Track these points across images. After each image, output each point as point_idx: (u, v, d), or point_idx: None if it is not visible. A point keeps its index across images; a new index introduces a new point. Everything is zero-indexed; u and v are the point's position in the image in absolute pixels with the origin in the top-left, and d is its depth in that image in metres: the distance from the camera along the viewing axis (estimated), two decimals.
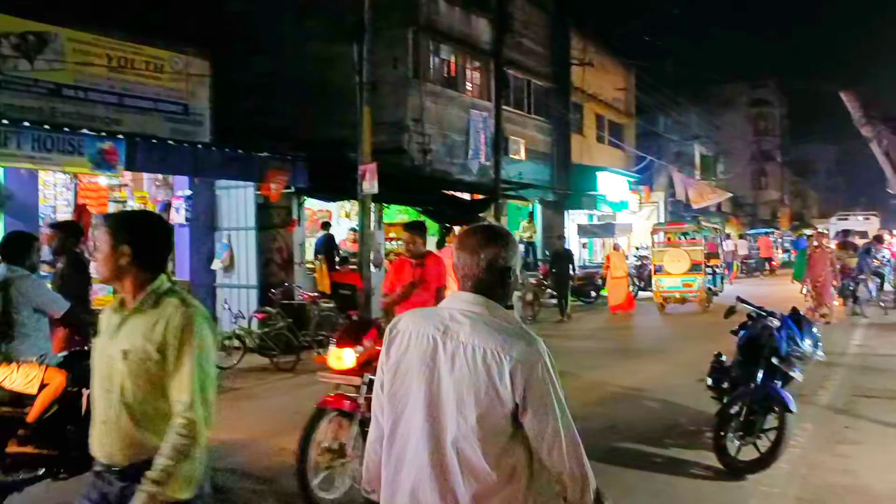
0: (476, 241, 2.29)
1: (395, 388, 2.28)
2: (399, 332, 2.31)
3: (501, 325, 2.21)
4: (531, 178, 22.47)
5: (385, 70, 16.77)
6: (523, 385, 2.12)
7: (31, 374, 5.08)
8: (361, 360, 5.41)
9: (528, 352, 2.15)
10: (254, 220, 13.18)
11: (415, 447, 2.22)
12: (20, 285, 5.22)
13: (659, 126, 34.79)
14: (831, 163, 75.38)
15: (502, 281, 2.28)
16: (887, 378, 9.80)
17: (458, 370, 2.16)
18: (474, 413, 2.14)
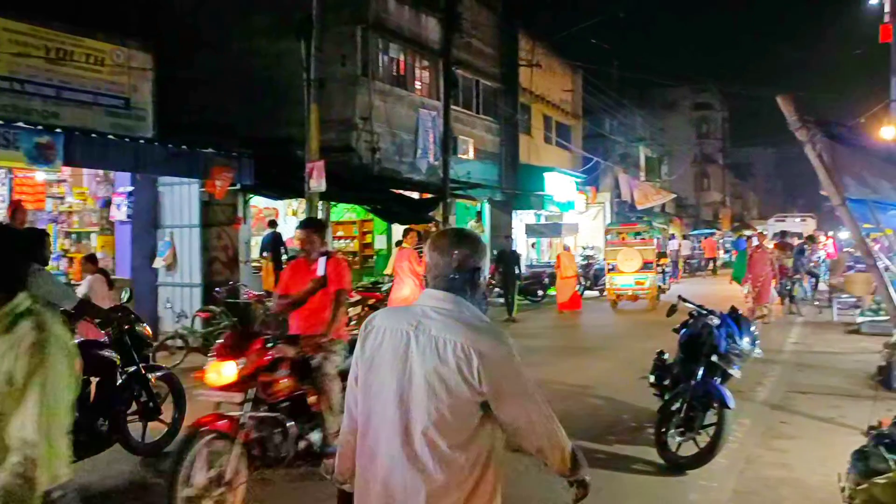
0: (447, 242, 2.45)
1: (370, 381, 2.39)
2: (374, 328, 2.44)
3: (470, 320, 2.34)
4: (480, 177, 22.58)
5: (333, 68, 16.66)
6: (492, 378, 2.25)
7: None
8: (244, 374, 4.91)
9: (495, 346, 2.29)
10: (198, 217, 12.96)
11: (387, 437, 2.32)
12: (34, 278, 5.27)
13: (605, 128, 35.33)
14: (770, 166, 77.65)
15: (471, 280, 2.43)
16: (821, 374, 10.15)
17: (430, 363, 2.28)
18: (445, 403, 2.25)
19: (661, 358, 7.05)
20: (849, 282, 16.90)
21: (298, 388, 5.38)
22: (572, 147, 31.41)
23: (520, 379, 2.33)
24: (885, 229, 9.33)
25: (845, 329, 14.40)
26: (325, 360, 5.46)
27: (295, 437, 5.22)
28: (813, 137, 3.68)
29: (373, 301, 12.45)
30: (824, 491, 5.35)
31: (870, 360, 10.26)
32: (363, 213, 17.40)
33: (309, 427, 5.35)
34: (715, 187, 57.73)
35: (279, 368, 5.22)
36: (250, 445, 4.87)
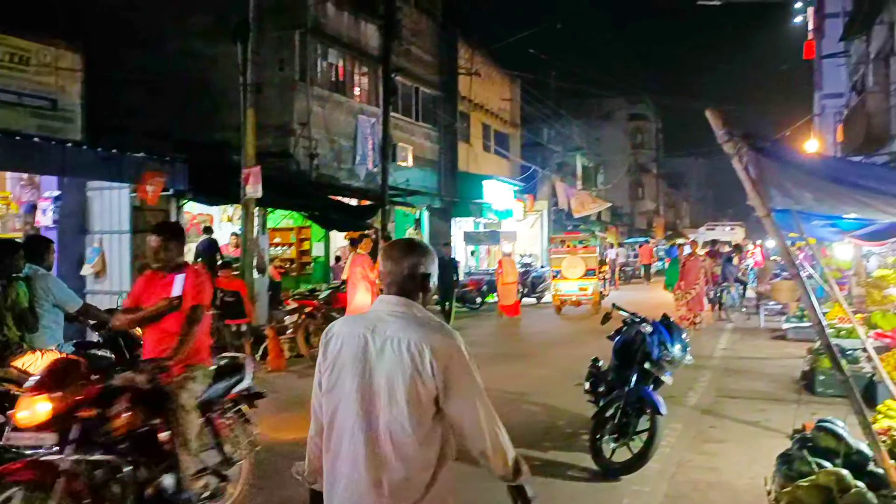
0: (399, 251, 2.66)
1: (332, 384, 2.57)
2: (334, 335, 2.63)
3: (422, 320, 2.54)
4: (419, 185, 22.58)
5: (271, 72, 16.45)
6: (443, 372, 2.43)
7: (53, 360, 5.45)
8: (60, 410, 4.14)
9: (446, 342, 2.48)
10: (128, 223, 12.57)
11: (350, 435, 2.49)
12: (42, 282, 5.96)
13: (543, 137, 35.82)
14: (702, 176, 79.89)
15: (422, 285, 2.64)
16: (749, 379, 10.46)
17: (387, 360, 2.47)
18: (404, 397, 2.43)
19: (596, 365, 7.16)
20: (775, 289, 17.50)
21: (145, 423, 4.58)
22: (510, 155, 31.71)
23: (469, 375, 2.48)
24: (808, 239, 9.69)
25: (772, 335, 14.88)
26: (179, 389, 4.66)
27: (139, 483, 4.43)
28: (740, 150, 3.78)
29: (309, 309, 12.29)
30: (751, 494, 5.50)
31: (795, 365, 10.63)
32: (301, 220, 17.19)
33: (160, 470, 4.56)
34: (649, 196, 59.09)
35: (116, 401, 4.41)
36: (77, 496, 4.05)
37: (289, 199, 15.59)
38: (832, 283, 8.66)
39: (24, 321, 5.80)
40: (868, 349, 7.77)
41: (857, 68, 24.37)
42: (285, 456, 6.51)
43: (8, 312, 5.73)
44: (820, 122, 30.42)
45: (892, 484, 4.26)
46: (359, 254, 11.92)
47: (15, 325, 5.74)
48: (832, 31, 26.62)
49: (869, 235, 14.06)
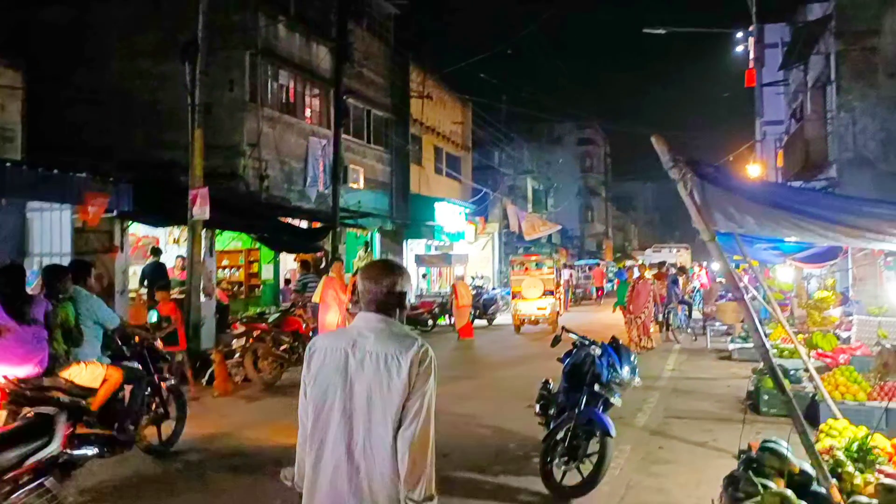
0: (378, 272, 2.88)
1: (315, 394, 2.78)
2: (317, 349, 2.84)
3: (398, 335, 2.77)
4: (370, 207, 22.51)
5: (221, 92, 16.29)
6: (413, 379, 2.66)
7: (96, 372, 6.57)
8: None
9: (419, 352, 2.69)
10: (70, 245, 12.23)
11: (333, 440, 2.71)
12: (86, 303, 6.94)
13: (494, 160, 36.14)
14: (649, 199, 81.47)
15: (399, 303, 2.85)
16: (696, 399, 10.61)
17: (367, 373, 2.69)
18: (380, 407, 2.65)
19: (547, 387, 7.17)
20: (720, 310, 17.85)
21: None
22: (462, 178, 31.89)
23: (427, 386, 2.69)
24: (751, 261, 9.92)
25: (718, 355, 15.14)
26: None
27: None
28: (685, 176, 3.86)
29: (258, 332, 12.08)
30: None
31: (740, 385, 10.82)
32: (249, 242, 16.94)
33: None
34: (598, 219, 59.97)
35: None
36: None
37: (238, 221, 15.36)
38: (774, 305, 8.88)
39: (71, 337, 6.68)
40: (810, 369, 7.97)
41: (795, 96, 25.23)
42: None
43: (58, 329, 6.55)
44: (762, 147, 31.37)
45: (834, 503, 4.34)
46: (330, 277, 12.23)
47: (63, 340, 6.61)
48: (772, 61, 27.57)
49: (809, 258, 14.51)
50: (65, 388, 6.14)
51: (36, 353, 6.31)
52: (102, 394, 6.50)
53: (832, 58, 19.47)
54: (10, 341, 6.20)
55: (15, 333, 6.24)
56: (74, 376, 6.35)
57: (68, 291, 6.81)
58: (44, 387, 6.08)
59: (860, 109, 18.82)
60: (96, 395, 6.42)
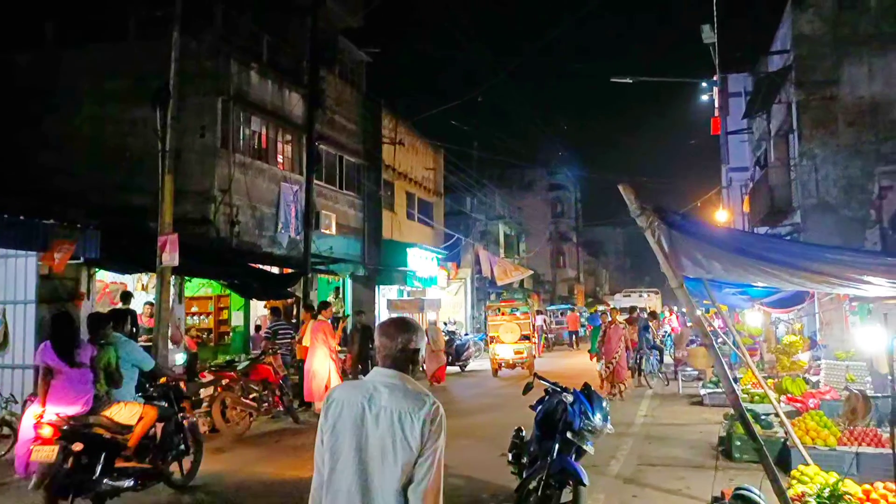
0: (394, 329, 3.08)
1: (332, 443, 2.94)
2: (334, 400, 3.00)
3: (412, 392, 2.95)
4: (342, 252, 22.46)
5: (192, 138, 16.28)
6: (426, 437, 2.85)
7: (133, 410, 7.30)
8: None
9: (431, 411, 2.89)
10: (35, 292, 11.98)
11: (348, 487, 2.87)
12: (124, 347, 7.83)
13: (466, 205, 36.35)
14: (619, 244, 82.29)
15: (412, 359, 3.06)
16: (669, 446, 10.57)
17: (382, 427, 2.87)
18: (393, 458, 2.83)
19: (519, 435, 7.10)
20: (692, 355, 17.92)
21: None
22: (434, 224, 32.00)
23: (438, 444, 2.89)
24: (720, 306, 10.02)
25: (690, 400, 15.15)
26: None
27: None
28: (652, 224, 3.91)
29: (227, 381, 11.87)
30: None
31: (712, 431, 10.82)
32: (219, 289, 16.77)
33: None
34: (570, 264, 60.31)
35: None
36: None
37: (208, 267, 15.21)
38: (744, 350, 8.94)
39: (112, 379, 7.56)
40: (780, 414, 8.02)
41: (759, 144, 25.84)
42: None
43: (101, 371, 7.45)
44: (728, 193, 31.96)
45: None
46: (320, 320, 12.57)
47: (105, 381, 7.49)
48: (736, 109, 28.25)
49: (776, 303, 14.69)
50: (107, 426, 6.94)
51: (84, 394, 7.21)
52: (139, 430, 7.25)
53: (793, 107, 20.02)
54: (62, 382, 7.15)
55: (66, 375, 7.18)
56: (115, 414, 7.15)
57: (109, 337, 7.75)
58: (89, 424, 6.86)
59: (822, 157, 19.30)
60: (133, 431, 7.17)
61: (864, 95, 19.12)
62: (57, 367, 7.19)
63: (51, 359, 7.25)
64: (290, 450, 10.57)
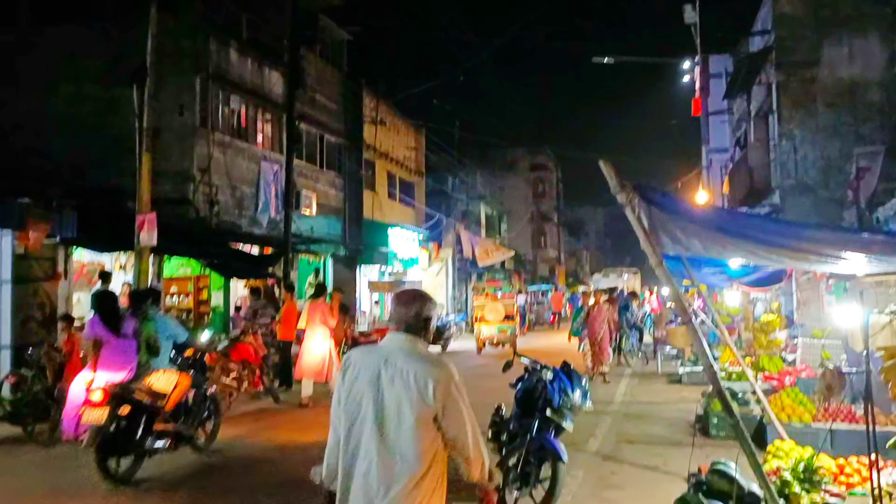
0: (408, 298, 3.35)
1: (349, 403, 3.18)
2: (352, 363, 3.24)
3: (425, 355, 3.21)
4: (323, 232, 22.36)
5: (170, 117, 16.07)
6: (441, 398, 3.08)
7: (170, 378, 7.96)
8: None
9: (443, 374, 3.13)
10: (10, 271, 11.85)
11: (366, 442, 3.10)
12: (161, 321, 8.67)
13: (447, 185, 36.24)
14: (600, 224, 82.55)
15: (425, 326, 3.30)
16: (647, 424, 10.69)
17: (397, 388, 3.09)
18: (410, 417, 3.06)
19: (499, 413, 7.13)
20: (671, 335, 18.09)
21: None
22: (416, 203, 31.92)
23: (460, 400, 3.14)
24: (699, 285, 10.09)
25: (668, 379, 15.31)
26: None
27: None
28: (632, 201, 3.91)
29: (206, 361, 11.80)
30: None
31: (690, 409, 10.91)
32: (199, 269, 16.64)
33: None
34: (551, 244, 60.49)
35: None
36: None
37: (187, 247, 15.09)
38: (722, 329, 9.03)
39: (151, 350, 8.31)
40: (757, 391, 8.12)
41: (739, 125, 25.96)
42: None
43: (143, 342, 8.27)
44: (709, 174, 32.11)
45: None
46: (316, 302, 12.72)
47: (146, 351, 8.28)
48: (716, 90, 28.33)
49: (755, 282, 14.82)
50: (147, 392, 7.65)
51: (128, 362, 8.18)
52: (175, 397, 7.91)
53: (773, 88, 20.11)
54: (109, 352, 8.13)
55: (113, 345, 8.16)
56: (153, 382, 7.84)
57: (148, 311, 8.55)
58: (133, 390, 7.58)
59: (801, 138, 19.44)
60: (169, 398, 7.82)
61: (844, 77, 19.24)
62: (105, 337, 8.16)
63: (100, 330, 8.24)
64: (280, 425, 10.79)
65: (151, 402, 7.63)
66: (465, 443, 3.14)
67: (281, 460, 8.60)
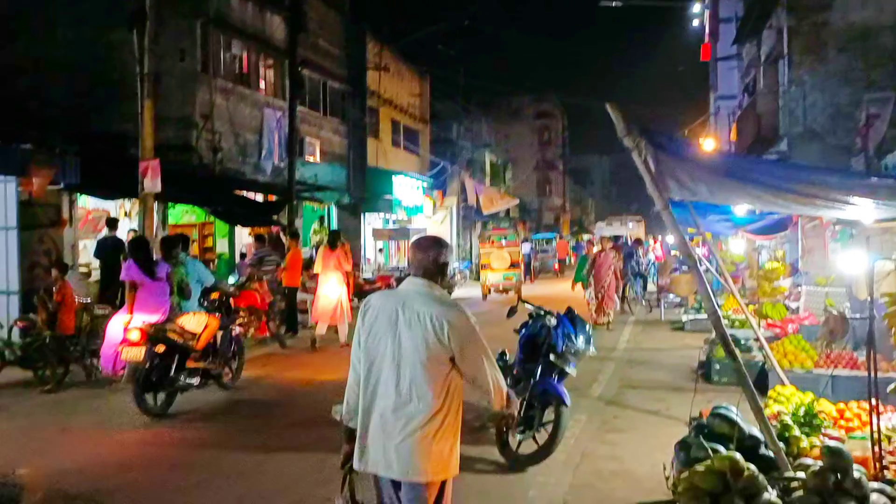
0: (426, 244, 3.49)
1: (369, 344, 3.36)
2: (371, 306, 3.42)
3: (440, 298, 3.37)
4: (327, 180, 22.26)
5: (171, 62, 15.86)
6: (458, 340, 3.25)
7: (200, 319, 8.54)
8: None
9: (458, 317, 3.29)
10: (15, 218, 11.86)
11: (384, 382, 3.29)
12: (191, 266, 9.34)
13: (452, 133, 35.95)
14: (606, 173, 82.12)
15: (441, 271, 3.45)
16: (650, 369, 10.79)
17: (414, 329, 3.25)
18: (425, 356, 3.23)
19: (503, 358, 7.18)
20: (674, 282, 18.12)
21: None
22: (420, 151, 31.71)
23: (476, 342, 3.33)
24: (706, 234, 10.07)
25: (672, 327, 15.40)
26: None
27: None
28: (639, 144, 3.87)
29: None
30: (652, 480, 5.64)
31: (692, 356, 11.00)
32: (204, 216, 16.64)
33: None
34: (556, 193, 60.28)
35: None
36: None
37: (191, 194, 15.06)
38: (727, 276, 9.03)
39: (183, 292, 8.97)
40: (760, 338, 8.15)
41: (748, 71, 25.53)
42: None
43: (175, 286, 8.84)
44: (716, 122, 31.77)
45: (781, 466, 4.45)
46: (330, 249, 12.87)
47: (178, 294, 8.89)
48: (726, 35, 27.81)
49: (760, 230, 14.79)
50: (179, 332, 8.17)
51: (162, 304, 8.72)
52: (205, 337, 8.43)
53: (784, 32, 19.70)
54: (145, 294, 8.64)
55: (148, 288, 8.67)
56: (185, 323, 8.37)
57: (179, 257, 9.14)
58: (166, 329, 8.10)
59: (810, 84, 19.13)
60: (200, 338, 8.33)
61: (856, 21, 18.82)
62: (141, 281, 8.64)
63: (136, 274, 8.71)
64: (293, 367, 11.10)
65: (184, 341, 8.16)
66: (486, 380, 3.37)
67: (301, 398, 9.03)
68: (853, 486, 3.95)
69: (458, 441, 3.43)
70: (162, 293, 8.81)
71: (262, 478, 6.09)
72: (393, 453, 3.26)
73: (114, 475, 6.13)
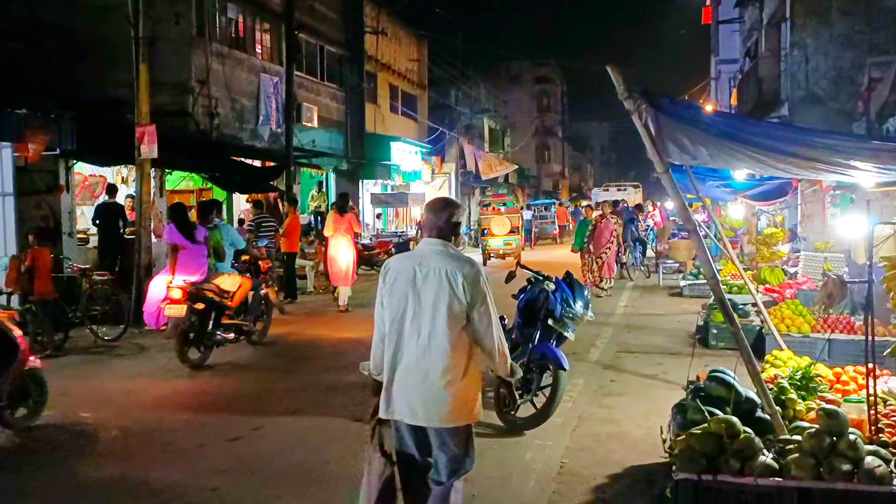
0: (439, 206, 3.78)
1: (391, 302, 3.64)
2: (390, 268, 3.70)
3: (455, 255, 3.63)
4: (325, 146, 22.13)
5: (167, 26, 15.68)
6: (470, 292, 3.52)
7: (234, 280, 9.32)
8: None
9: (472, 271, 3.57)
10: (12, 184, 11.80)
11: (407, 337, 3.58)
12: (224, 229, 9.90)
13: (451, 99, 35.66)
14: (605, 139, 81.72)
15: (454, 230, 3.73)
16: (647, 334, 10.83)
17: (431, 285, 3.54)
18: (444, 311, 3.51)
19: (501, 323, 7.18)
20: (673, 248, 18.13)
21: None
22: (418, 117, 31.49)
23: (486, 295, 3.58)
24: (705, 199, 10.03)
25: (670, 292, 15.44)
26: None
27: None
28: (639, 107, 3.82)
29: None
30: (649, 443, 5.69)
31: (690, 321, 11.07)
32: (201, 182, 16.56)
33: None
34: (555, 159, 60.04)
35: None
36: None
37: (188, 161, 14.95)
38: (726, 242, 9.03)
39: (218, 254, 9.51)
40: (758, 303, 8.17)
41: (750, 34, 25.26)
42: None
43: (211, 248, 9.44)
44: (717, 86, 31.53)
45: (777, 429, 4.48)
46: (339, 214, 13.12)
47: (214, 256, 9.47)
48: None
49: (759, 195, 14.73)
50: (216, 291, 8.86)
51: (201, 265, 9.32)
52: (239, 295, 9.21)
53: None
54: (185, 256, 9.28)
55: (188, 250, 9.31)
56: (220, 282, 9.06)
57: (214, 221, 9.70)
58: (204, 289, 8.79)
59: (813, 47, 18.94)
60: (234, 296, 9.10)
61: None
62: (181, 243, 9.27)
63: (177, 237, 9.32)
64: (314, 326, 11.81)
65: (220, 300, 8.86)
66: (492, 338, 3.58)
67: (328, 352, 9.82)
68: (848, 448, 3.98)
69: (480, 388, 3.72)
70: (200, 255, 9.38)
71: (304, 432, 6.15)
72: (418, 402, 3.53)
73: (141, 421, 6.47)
